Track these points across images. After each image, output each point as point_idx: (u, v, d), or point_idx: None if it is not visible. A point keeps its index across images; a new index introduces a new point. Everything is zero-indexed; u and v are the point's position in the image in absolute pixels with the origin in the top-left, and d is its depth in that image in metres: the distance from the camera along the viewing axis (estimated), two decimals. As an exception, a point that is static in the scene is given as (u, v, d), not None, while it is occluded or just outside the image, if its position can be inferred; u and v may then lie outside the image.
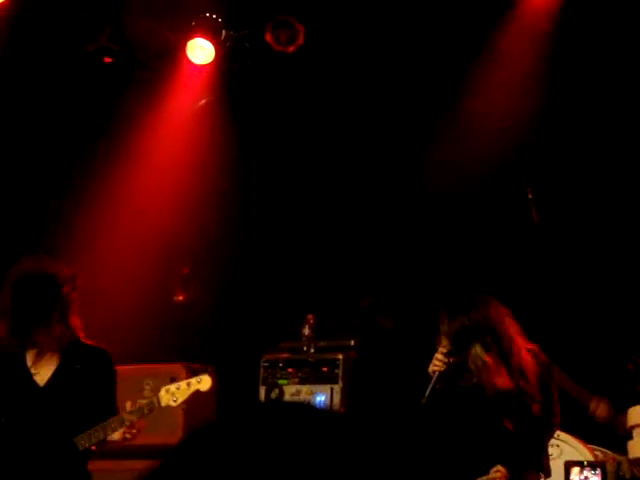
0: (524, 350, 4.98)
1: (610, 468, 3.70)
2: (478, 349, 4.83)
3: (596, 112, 7.27)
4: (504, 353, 4.89)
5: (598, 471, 4.02)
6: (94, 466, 5.99)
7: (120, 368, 7.44)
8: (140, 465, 6.20)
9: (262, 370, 7.40)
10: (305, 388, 7.22)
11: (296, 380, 7.29)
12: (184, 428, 7.04)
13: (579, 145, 7.31)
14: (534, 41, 7.25)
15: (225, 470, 0.98)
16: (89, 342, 5.33)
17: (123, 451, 6.87)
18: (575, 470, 4.52)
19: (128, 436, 5.04)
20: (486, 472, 4.76)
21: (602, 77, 7.20)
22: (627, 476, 3.56)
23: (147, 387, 7.32)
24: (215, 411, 7.03)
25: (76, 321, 5.24)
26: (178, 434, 6.89)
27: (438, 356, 4.93)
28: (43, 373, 5.13)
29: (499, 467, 4.77)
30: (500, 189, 7.22)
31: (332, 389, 7.14)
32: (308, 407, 1.07)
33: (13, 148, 7.97)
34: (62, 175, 8.15)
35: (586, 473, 4.35)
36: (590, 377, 6.67)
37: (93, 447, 5.11)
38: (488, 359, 4.84)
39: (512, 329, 4.97)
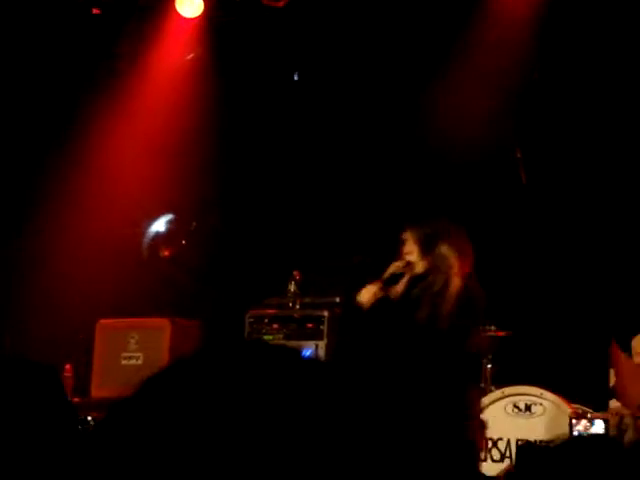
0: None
1: (612, 421, 3.75)
2: (444, 248, 4.95)
3: (587, 75, 7.26)
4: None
5: (601, 424, 4.07)
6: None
7: (105, 322, 7.48)
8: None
9: (247, 326, 7.40)
10: (290, 344, 7.23)
11: (281, 336, 7.31)
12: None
13: (569, 107, 7.30)
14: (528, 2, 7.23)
15: (182, 416, 0.94)
16: None
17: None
18: (578, 423, 4.58)
19: None
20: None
21: (594, 41, 7.18)
22: (629, 429, 3.61)
23: (132, 340, 7.33)
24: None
25: None
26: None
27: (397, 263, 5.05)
28: None
29: None
30: (489, 149, 7.21)
31: (317, 345, 7.16)
32: (286, 350, 1.03)
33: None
34: (47, 129, 8.09)
35: (588, 426, 4.41)
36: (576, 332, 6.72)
37: None
38: (455, 258, 4.95)
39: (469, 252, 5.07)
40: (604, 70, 7.19)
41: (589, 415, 4.75)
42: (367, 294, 5.09)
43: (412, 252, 5.04)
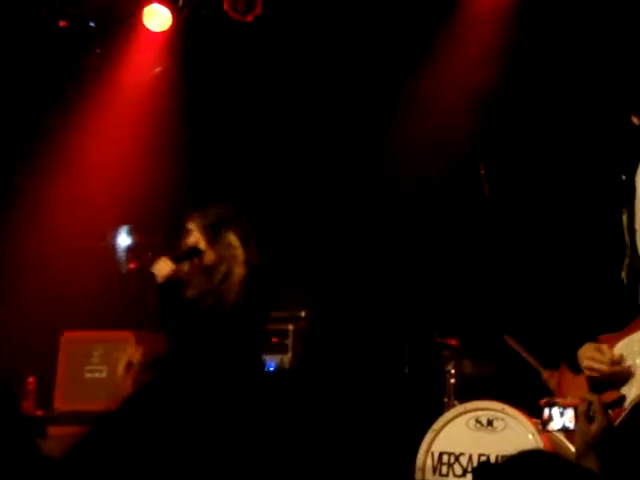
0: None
1: (581, 408, 3.79)
2: (229, 237, 4.90)
3: (549, 90, 7.33)
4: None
5: (571, 411, 4.14)
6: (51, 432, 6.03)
7: (70, 334, 7.45)
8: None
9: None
10: (254, 358, 7.23)
11: (246, 350, 7.30)
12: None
13: (532, 121, 7.37)
14: (492, 18, 7.28)
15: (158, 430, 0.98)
16: None
17: (77, 418, 6.86)
18: (548, 410, 4.64)
19: None
20: None
21: (557, 56, 7.26)
22: (597, 415, 3.64)
23: (96, 353, 7.30)
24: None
25: None
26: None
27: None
28: None
29: None
30: (453, 164, 7.26)
31: (282, 359, 7.17)
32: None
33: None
34: (13, 140, 8.07)
35: (559, 413, 4.46)
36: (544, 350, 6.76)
37: None
38: (241, 247, 4.89)
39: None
40: (570, 87, 7.26)
41: (560, 402, 4.79)
42: (165, 267, 4.96)
43: (199, 241, 4.95)
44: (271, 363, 7.15)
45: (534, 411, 6.20)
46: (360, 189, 7.82)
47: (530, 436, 5.99)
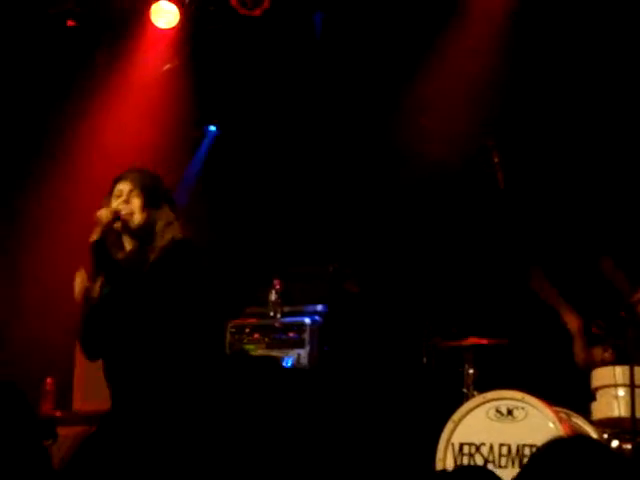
0: None
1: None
2: (166, 208, 4.72)
3: (564, 77, 7.30)
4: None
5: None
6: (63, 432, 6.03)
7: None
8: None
9: (229, 335, 7.40)
10: (272, 353, 7.23)
11: (263, 345, 7.30)
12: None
13: (546, 109, 7.34)
14: (502, 4, 7.27)
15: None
16: None
17: (96, 418, 6.86)
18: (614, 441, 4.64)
19: None
20: None
21: (570, 41, 7.23)
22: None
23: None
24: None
25: None
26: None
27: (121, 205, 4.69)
28: None
29: None
30: (466, 153, 7.23)
31: (299, 354, 7.17)
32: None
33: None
34: (22, 141, 8.08)
35: (621, 443, 4.46)
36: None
37: None
38: (173, 217, 4.73)
39: None
40: (582, 73, 7.23)
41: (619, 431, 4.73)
42: (108, 215, 4.69)
43: (133, 203, 4.63)
44: (289, 359, 7.15)
45: (554, 399, 6.19)
46: (375, 182, 7.81)
47: (551, 424, 5.97)
